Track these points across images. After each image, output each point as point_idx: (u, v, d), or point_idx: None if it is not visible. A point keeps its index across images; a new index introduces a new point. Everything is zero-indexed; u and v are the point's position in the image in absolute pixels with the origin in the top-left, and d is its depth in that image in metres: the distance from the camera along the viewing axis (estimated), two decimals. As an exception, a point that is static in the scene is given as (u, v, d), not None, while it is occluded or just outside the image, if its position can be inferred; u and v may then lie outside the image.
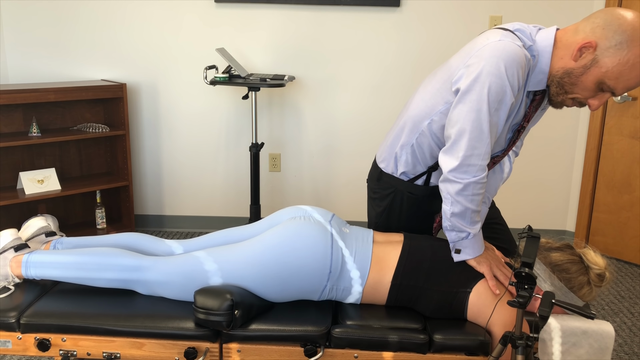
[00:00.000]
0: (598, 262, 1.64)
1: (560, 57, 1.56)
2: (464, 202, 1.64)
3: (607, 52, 1.46)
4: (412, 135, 1.78)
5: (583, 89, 1.55)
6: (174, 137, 3.73)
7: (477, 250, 1.70)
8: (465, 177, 1.61)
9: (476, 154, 1.59)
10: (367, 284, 1.69)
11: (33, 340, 1.67)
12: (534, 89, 1.63)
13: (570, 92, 1.58)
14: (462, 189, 1.62)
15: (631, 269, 3.48)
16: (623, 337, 2.71)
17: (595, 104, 1.56)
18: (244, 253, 1.70)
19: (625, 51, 1.44)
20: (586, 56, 1.50)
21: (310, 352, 1.63)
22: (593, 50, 1.48)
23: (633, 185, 3.46)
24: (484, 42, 1.58)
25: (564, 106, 1.65)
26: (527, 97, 1.67)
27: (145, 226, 3.87)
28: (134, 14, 3.54)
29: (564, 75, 1.56)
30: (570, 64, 1.53)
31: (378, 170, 1.93)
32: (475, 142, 1.58)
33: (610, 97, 1.55)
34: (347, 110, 3.66)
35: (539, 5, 3.47)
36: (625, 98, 3.40)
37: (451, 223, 1.68)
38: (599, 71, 1.49)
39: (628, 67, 1.46)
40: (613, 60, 1.46)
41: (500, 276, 1.69)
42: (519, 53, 1.52)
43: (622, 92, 1.52)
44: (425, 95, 1.76)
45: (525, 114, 1.70)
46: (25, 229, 1.94)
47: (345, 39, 3.55)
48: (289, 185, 3.80)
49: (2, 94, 3.04)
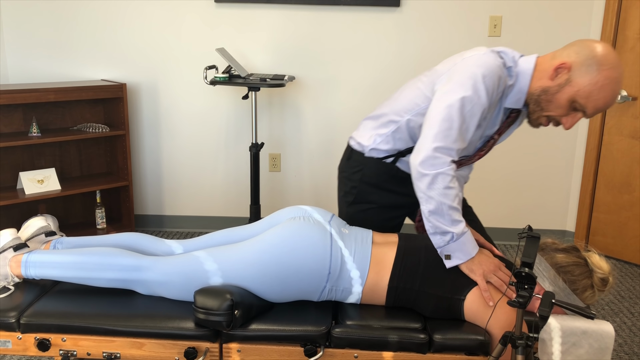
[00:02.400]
0: (602, 266, 1.64)
1: (539, 79, 1.72)
2: (436, 197, 1.64)
3: (580, 73, 1.63)
4: (389, 127, 1.91)
5: (557, 107, 1.69)
6: (174, 137, 3.73)
7: (468, 253, 1.67)
8: (432, 169, 1.65)
9: (442, 147, 1.65)
10: (366, 285, 1.69)
11: (33, 340, 1.67)
12: (511, 106, 1.78)
13: (546, 110, 1.72)
14: (431, 182, 1.64)
15: (631, 269, 3.48)
16: (623, 337, 2.71)
17: (569, 122, 1.70)
18: (243, 253, 1.71)
19: (595, 73, 1.61)
20: (562, 76, 1.66)
21: (310, 352, 1.63)
22: (568, 70, 1.65)
23: (633, 185, 3.46)
24: (471, 53, 1.74)
25: (540, 125, 1.77)
26: (504, 114, 1.82)
27: (145, 226, 3.87)
28: (134, 14, 3.54)
29: (541, 93, 1.71)
30: (548, 83, 1.69)
31: (349, 150, 2.04)
32: (443, 136, 1.66)
33: (582, 117, 1.69)
34: (347, 110, 3.66)
35: (539, 5, 3.47)
36: (625, 98, 3.40)
37: (431, 224, 1.67)
38: (572, 90, 1.64)
39: (597, 88, 1.61)
40: (584, 80, 1.62)
41: (496, 282, 1.66)
42: (499, 66, 1.69)
43: (592, 112, 1.66)
44: (409, 93, 1.88)
45: (498, 128, 1.84)
46: (25, 228, 1.94)
47: (345, 39, 3.55)
48: (289, 185, 3.80)
49: (2, 94, 3.04)
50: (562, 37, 3.51)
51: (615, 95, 1.64)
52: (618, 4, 3.38)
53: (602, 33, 3.45)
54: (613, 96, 1.63)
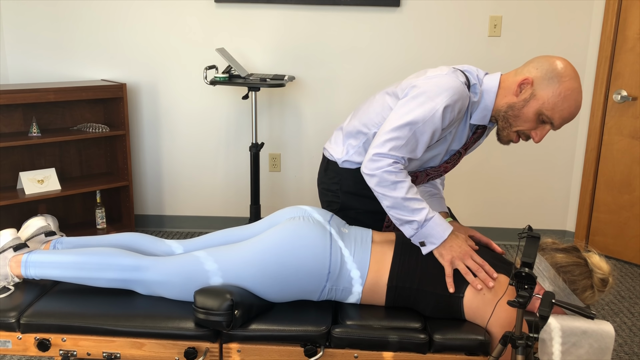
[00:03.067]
0: (602, 267, 1.64)
1: (504, 96, 1.77)
2: (388, 193, 1.69)
3: (542, 86, 1.70)
4: (360, 139, 1.95)
5: (525, 121, 1.75)
6: (174, 137, 3.73)
7: (439, 237, 1.69)
8: (376, 169, 1.70)
9: (386, 150, 1.71)
10: (366, 284, 1.70)
11: (33, 340, 1.67)
12: (477, 123, 1.83)
13: (515, 125, 1.77)
14: (378, 181, 1.70)
15: (631, 269, 3.48)
16: (623, 337, 2.71)
17: (538, 135, 1.76)
18: (243, 253, 1.71)
19: (557, 85, 1.68)
20: (526, 91, 1.72)
21: (310, 352, 1.63)
22: (530, 85, 1.71)
23: (633, 185, 3.46)
24: (434, 72, 1.80)
25: (510, 141, 1.83)
26: (470, 130, 1.87)
27: (145, 226, 3.87)
28: (134, 14, 3.54)
29: (507, 109, 1.76)
30: (513, 99, 1.75)
31: (325, 161, 2.08)
32: (388, 142, 1.71)
33: (550, 129, 1.74)
34: (347, 110, 3.66)
35: (539, 5, 3.47)
36: (625, 98, 3.40)
37: (395, 218, 1.72)
38: (537, 103, 1.70)
39: (561, 99, 1.68)
40: (548, 92, 1.69)
41: (462, 269, 1.67)
42: (459, 88, 1.73)
43: (559, 123, 1.72)
44: (377, 107, 1.92)
45: (465, 143, 1.90)
46: (25, 228, 1.94)
47: (345, 39, 3.55)
48: (289, 185, 3.80)
49: (2, 94, 3.04)
50: (562, 37, 3.51)
51: (579, 105, 1.71)
52: (618, 4, 3.38)
53: (602, 33, 3.45)
54: (577, 105, 1.70)
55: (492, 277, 1.66)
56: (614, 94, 3.44)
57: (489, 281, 1.65)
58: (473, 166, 3.73)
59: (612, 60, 3.45)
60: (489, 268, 1.68)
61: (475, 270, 1.67)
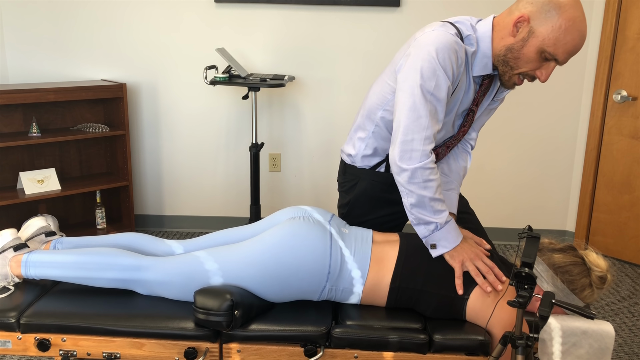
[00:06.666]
0: (600, 264, 1.64)
1: (501, 38, 1.66)
2: (416, 191, 1.65)
3: (540, 22, 1.56)
4: (368, 128, 1.89)
5: (526, 62, 1.63)
6: (174, 137, 3.73)
7: (453, 241, 1.67)
8: (410, 164, 1.64)
9: (417, 139, 1.64)
10: (366, 285, 1.69)
11: (33, 340, 1.67)
12: (480, 73, 1.72)
13: (516, 67, 1.66)
14: (410, 176, 1.64)
15: (631, 269, 3.48)
16: (623, 337, 2.71)
17: (544, 74, 1.63)
18: (244, 253, 1.70)
19: (556, 17, 1.54)
20: (522, 29, 1.60)
21: (310, 352, 1.63)
22: (527, 23, 1.59)
23: (633, 185, 3.46)
24: (421, 33, 1.69)
25: (515, 85, 1.71)
26: (475, 83, 1.76)
27: (145, 226, 3.87)
28: (134, 14, 3.54)
29: (506, 52, 1.65)
30: (510, 40, 1.63)
31: (343, 164, 2.03)
32: (414, 127, 1.64)
33: (556, 65, 1.62)
34: (347, 110, 3.66)
35: (539, 5, 3.47)
36: (625, 98, 3.40)
37: (414, 216, 1.68)
38: (537, 40, 1.58)
39: (562, 32, 1.55)
40: (547, 27, 1.55)
41: (472, 271, 1.66)
42: (450, 40, 1.62)
43: (564, 58, 1.59)
44: (376, 88, 1.87)
45: (474, 99, 1.78)
46: (25, 228, 1.94)
47: (345, 39, 3.55)
48: (289, 185, 3.80)
49: (2, 94, 3.04)
50: (562, 37, 3.51)
51: (583, 35, 1.56)
52: (618, 4, 3.38)
53: (602, 33, 3.45)
54: (581, 36, 1.56)
55: (500, 280, 1.66)
56: (614, 94, 3.44)
57: (497, 284, 1.64)
58: (473, 166, 3.73)
59: (612, 60, 3.45)
60: (498, 271, 1.67)
61: (485, 273, 1.66)
